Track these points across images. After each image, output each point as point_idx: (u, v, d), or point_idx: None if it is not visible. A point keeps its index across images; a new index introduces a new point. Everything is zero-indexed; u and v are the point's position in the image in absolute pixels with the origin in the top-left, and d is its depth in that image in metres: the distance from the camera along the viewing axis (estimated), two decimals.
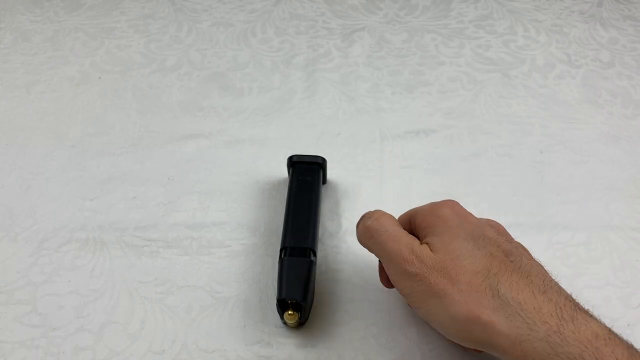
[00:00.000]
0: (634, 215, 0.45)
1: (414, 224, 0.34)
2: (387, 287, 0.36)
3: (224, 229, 0.43)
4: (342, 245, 0.42)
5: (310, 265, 0.37)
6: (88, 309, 0.38)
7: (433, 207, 0.33)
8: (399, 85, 0.57)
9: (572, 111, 0.54)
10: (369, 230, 0.33)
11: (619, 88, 0.57)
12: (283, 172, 0.47)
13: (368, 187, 0.46)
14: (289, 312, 0.35)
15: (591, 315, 0.27)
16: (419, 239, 0.33)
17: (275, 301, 0.36)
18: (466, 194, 0.46)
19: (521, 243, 0.33)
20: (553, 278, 0.30)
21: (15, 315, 0.38)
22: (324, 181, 0.46)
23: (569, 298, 0.28)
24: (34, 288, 0.39)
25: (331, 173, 0.47)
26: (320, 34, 0.63)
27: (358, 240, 0.35)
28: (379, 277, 0.36)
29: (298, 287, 0.35)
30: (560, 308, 0.27)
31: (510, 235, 0.33)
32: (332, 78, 0.57)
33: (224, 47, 0.61)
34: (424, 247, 0.31)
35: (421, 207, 0.35)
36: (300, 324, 0.37)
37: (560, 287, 0.29)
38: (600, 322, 0.27)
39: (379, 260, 0.35)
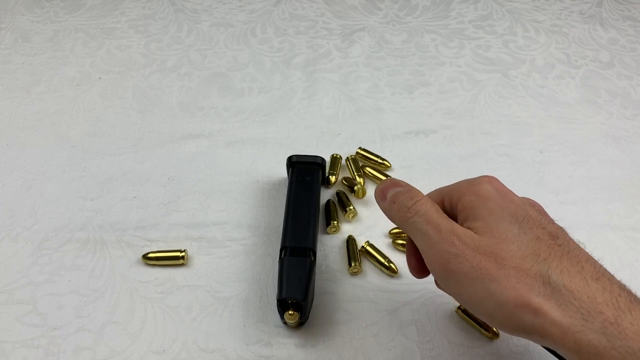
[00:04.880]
0: (633, 215, 0.45)
1: (450, 204, 0.31)
2: (418, 277, 0.33)
3: (224, 229, 0.43)
4: (341, 245, 0.42)
5: (310, 265, 0.37)
6: (88, 308, 0.38)
7: (471, 185, 0.31)
8: (398, 85, 0.57)
9: (571, 111, 0.54)
10: (409, 211, 0.30)
11: (619, 88, 0.57)
12: (283, 172, 0.47)
13: (368, 186, 0.46)
14: (289, 312, 0.35)
15: None
16: (456, 221, 0.30)
17: (275, 301, 0.36)
18: None
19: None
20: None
21: (15, 315, 0.38)
22: (324, 181, 0.46)
23: (622, 287, 0.26)
24: (34, 288, 0.39)
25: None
26: (320, 34, 0.63)
27: (389, 216, 0.32)
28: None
29: (298, 287, 0.35)
30: (616, 298, 0.25)
31: (550, 216, 0.31)
32: (332, 78, 0.57)
33: (224, 47, 0.61)
34: (466, 229, 0.29)
35: (455, 185, 0.32)
36: (301, 324, 0.37)
37: (611, 274, 0.27)
38: None
39: (407, 248, 0.33)
